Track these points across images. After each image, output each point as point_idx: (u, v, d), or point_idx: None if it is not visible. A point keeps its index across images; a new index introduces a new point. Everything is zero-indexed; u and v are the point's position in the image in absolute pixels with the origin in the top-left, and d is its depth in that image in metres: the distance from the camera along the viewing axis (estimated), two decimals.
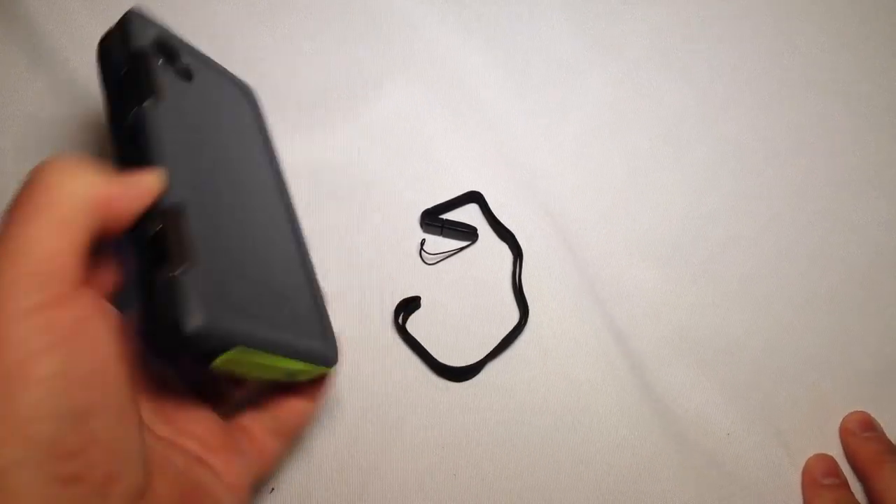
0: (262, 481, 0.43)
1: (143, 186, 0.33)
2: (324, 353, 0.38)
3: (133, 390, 0.32)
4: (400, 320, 0.49)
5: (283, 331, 0.36)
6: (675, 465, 0.46)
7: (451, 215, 0.53)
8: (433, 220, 0.52)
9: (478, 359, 0.48)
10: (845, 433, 0.47)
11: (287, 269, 0.40)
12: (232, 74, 0.47)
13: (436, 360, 0.48)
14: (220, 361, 0.33)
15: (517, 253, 0.51)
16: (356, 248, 0.51)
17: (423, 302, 0.50)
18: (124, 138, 0.36)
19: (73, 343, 0.30)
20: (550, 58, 0.60)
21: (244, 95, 0.47)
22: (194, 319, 0.31)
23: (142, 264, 0.33)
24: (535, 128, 0.57)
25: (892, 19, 0.63)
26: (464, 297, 0.50)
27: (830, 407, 0.48)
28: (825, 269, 0.52)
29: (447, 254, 0.52)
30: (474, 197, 0.53)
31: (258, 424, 0.39)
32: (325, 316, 0.40)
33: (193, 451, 0.36)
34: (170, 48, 0.40)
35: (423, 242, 0.52)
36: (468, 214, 0.53)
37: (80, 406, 0.29)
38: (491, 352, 0.48)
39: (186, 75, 0.40)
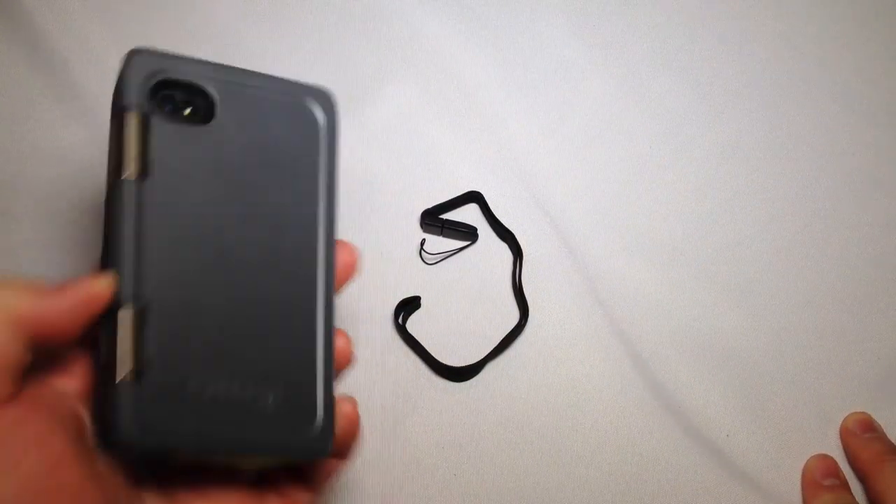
0: None
1: (85, 296, 0.32)
2: (304, 446, 0.36)
3: (94, 492, 0.31)
4: (400, 320, 0.49)
5: (243, 428, 0.34)
6: (675, 466, 0.46)
7: (451, 215, 0.53)
8: (433, 220, 0.52)
9: (478, 359, 0.48)
10: (845, 434, 0.47)
11: (288, 349, 0.36)
12: (297, 86, 0.39)
13: (436, 360, 0.48)
14: (171, 461, 0.33)
15: (517, 253, 0.51)
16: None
17: (423, 302, 0.50)
18: (105, 208, 0.33)
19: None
20: (550, 58, 0.60)
21: (305, 115, 0.38)
22: (122, 432, 0.31)
23: (96, 366, 0.33)
24: (536, 128, 0.57)
25: (892, 20, 0.63)
26: (464, 297, 0.50)
27: (830, 407, 0.48)
28: (825, 269, 0.52)
29: (447, 254, 0.52)
30: (474, 197, 0.53)
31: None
32: (328, 398, 0.37)
33: None
34: (177, 88, 0.35)
35: (423, 242, 0.52)
36: (468, 214, 0.53)
37: None
38: (491, 352, 0.48)
39: (202, 116, 0.35)
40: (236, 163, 0.35)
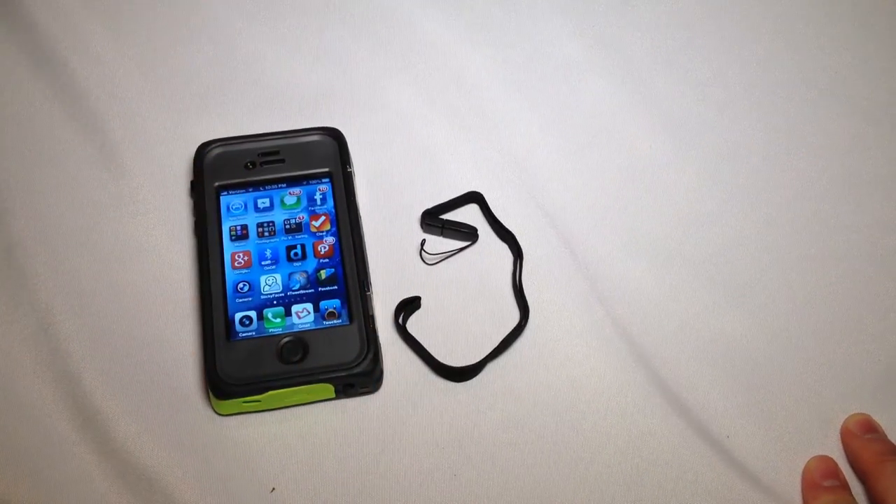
0: None
1: None
2: None
3: None
4: (400, 320, 0.49)
5: None
6: (675, 466, 0.46)
7: (452, 215, 0.53)
8: (433, 220, 0.52)
9: (478, 359, 0.48)
10: (846, 435, 0.47)
11: None
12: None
13: (436, 360, 0.48)
14: None
15: (517, 253, 0.51)
16: None
17: (423, 302, 0.50)
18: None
19: None
20: (550, 58, 0.60)
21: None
22: None
23: None
24: (536, 128, 0.57)
25: (892, 20, 0.63)
26: (464, 297, 0.50)
27: (831, 408, 0.48)
28: (825, 269, 0.52)
29: (447, 254, 0.52)
30: (474, 197, 0.53)
31: None
32: None
33: None
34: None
35: (423, 242, 0.52)
36: (468, 215, 0.53)
37: None
38: (491, 352, 0.48)
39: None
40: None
